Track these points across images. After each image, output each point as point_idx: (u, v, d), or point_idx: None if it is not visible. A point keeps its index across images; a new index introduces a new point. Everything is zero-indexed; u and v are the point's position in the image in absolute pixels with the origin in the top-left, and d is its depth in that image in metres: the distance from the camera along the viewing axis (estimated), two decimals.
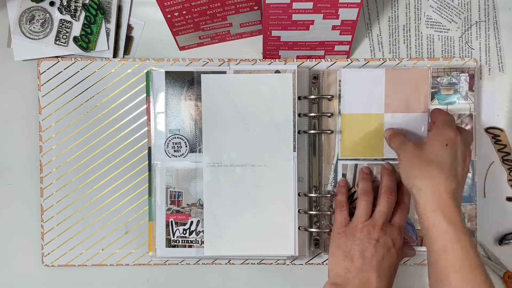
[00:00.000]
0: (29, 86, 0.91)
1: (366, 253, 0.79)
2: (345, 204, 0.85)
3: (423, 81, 0.88)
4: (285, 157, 0.87)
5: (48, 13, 0.89)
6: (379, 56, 0.93)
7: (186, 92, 0.88)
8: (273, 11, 0.80)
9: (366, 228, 0.81)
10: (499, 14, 0.92)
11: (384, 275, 0.79)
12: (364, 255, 0.79)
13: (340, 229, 0.83)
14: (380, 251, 0.80)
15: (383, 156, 0.89)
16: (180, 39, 0.88)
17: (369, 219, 0.82)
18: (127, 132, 0.90)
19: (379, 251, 0.80)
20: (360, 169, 0.88)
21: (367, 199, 0.84)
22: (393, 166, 0.88)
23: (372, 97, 0.88)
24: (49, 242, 0.90)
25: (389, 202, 0.83)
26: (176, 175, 0.88)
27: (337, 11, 0.80)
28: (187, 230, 0.88)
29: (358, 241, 0.80)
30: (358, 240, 0.80)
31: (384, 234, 0.81)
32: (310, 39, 0.86)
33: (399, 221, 0.83)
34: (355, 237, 0.81)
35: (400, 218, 0.84)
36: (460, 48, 0.93)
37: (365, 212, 0.83)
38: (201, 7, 0.82)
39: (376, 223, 0.81)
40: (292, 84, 0.87)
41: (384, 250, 0.80)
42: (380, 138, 0.89)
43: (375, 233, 0.80)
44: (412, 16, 0.93)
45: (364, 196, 0.84)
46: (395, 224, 0.83)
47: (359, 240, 0.80)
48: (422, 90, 0.88)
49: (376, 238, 0.80)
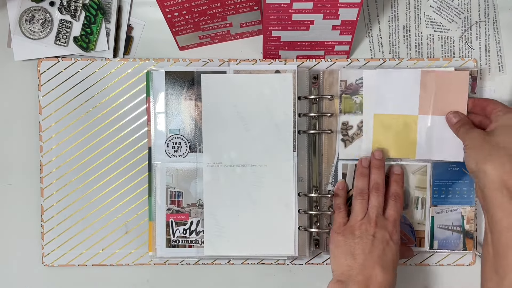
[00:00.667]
0: (29, 86, 0.91)
1: (366, 249, 0.80)
2: (343, 206, 0.86)
3: (462, 83, 0.87)
4: (285, 157, 0.87)
5: (48, 13, 0.89)
6: (379, 56, 0.93)
7: (186, 92, 0.88)
8: (273, 11, 0.80)
9: (364, 225, 0.82)
10: (499, 14, 0.92)
11: (388, 268, 0.80)
12: (365, 251, 0.80)
13: (338, 229, 0.84)
14: (379, 245, 0.80)
15: (415, 158, 0.89)
16: (180, 39, 0.89)
17: (365, 217, 0.83)
18: (127, 132, 0.90)
19: (378, 245, 0.80)
20: (359, 160, 0.88)
21: (362, 198, 0.85)
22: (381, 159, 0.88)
23: (406, 97, 0.88)
24: (49, 242, 0.90)
25: (378, 196, 0.84)
26: (176, 175, 0.88)
27: (337, 11, 0.80)
28: (187, 230, 0.88)
29: (357, 239, 0.81)
30: (357, 238, 0.81)
31: (379, 228, 0.82)
32: (310, 39, 0.86)
33: (393, 213, 0.84)
34: (354, 235, 0.82)
35: (393, 210, 0.84)
36: (460, 48, 0.93)
37: (361, 211, 0.84)
38: (201, 7, 0.82)
39: (371, 219, 0.82)
40: (292, 84, 0.87)
41: (383, 244, 0.81)
42: (413, 139, 0.88)
43: (371, 229, 0.81)
44: (412, 16, 0.93)
45: (360, 196, 0.85)
46: (389, 217, 0.83)
47: (358, 238, 0.81)
48: (461, 92, 0.87)
49: (372, 233, 0.81)
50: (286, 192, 0.87)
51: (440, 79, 0.87)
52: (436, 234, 0.89)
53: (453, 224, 0.89)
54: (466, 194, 0.89)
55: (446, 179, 0.89)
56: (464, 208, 0.89)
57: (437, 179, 0.89)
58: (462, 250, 0.90)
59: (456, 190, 0.89)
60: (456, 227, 0.89)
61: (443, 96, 0.87)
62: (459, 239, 0.89)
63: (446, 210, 0.89)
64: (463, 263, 0.91)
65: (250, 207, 0.87)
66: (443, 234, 0.89)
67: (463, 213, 0.89)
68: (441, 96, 0.87)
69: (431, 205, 0.89)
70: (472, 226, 0.89)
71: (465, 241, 0.89)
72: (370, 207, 0.84)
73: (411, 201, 0.89)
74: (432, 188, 0.89)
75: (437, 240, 0.89)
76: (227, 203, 0.87)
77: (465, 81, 0.87)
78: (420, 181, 0.89)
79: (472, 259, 0.91)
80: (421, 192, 0.89)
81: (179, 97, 0.88)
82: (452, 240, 0.89)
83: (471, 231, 0.89)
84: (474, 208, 0.89)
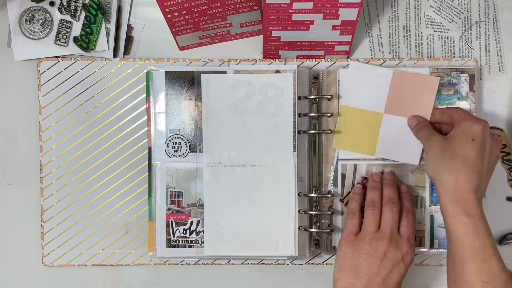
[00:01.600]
0: (29, 86, 0.91)
1: (372, 268, 0.79)
2: (357, 212, 0.85)
3: (431, 90, 0.88)
4: (285, 157, 0.87)
5: (48, 13, 0.89)
6: (379, 56, 0.93)
7: (186, 92, 0.88)
8: (273, 11, 0.80)
9: (375, 240, 0.80)
10: (499, 14, 0.92)
11: None
12: (371, 270, 0.79)
13: (348, 238, 0.82)
14: (388, 266, 0.79)
15: (374, 156, 0.89)
16: (180, 39, 0.89)
17: (378, 230, 0.82)
18: (127, 132, 0.90)
19: (386, 266, 0.79)
20: (371, 176, 0.88)
21: (374, 208, 0.83)
22: (394, 175, 0.88)
23: (375, 94, 0.88)
24: (49, 242, 0.90)
25: (392, 210, 0.82)
26: (176, 175, 0.88)
27: (337, 11, 0.80)
28: (187, 230, 0.88)
29: (366, 254, 0.80)
30: (366, 254, 0.80)
31: (393, 248, 0.80)
32: (310, 39, 0.86)
33: (407, 230, 0.82)
34: (363, 250, 0.80)
35: (407, 227, 0.82)
36: (460, 48, 0.93)
37: (373, 223, 0.82)
38: (201, 7, 0.82)
39: (384, 235, 0.80)
40: (292, 84, 0.87)
41: (391, 265, 0.79)
42: (374, 136, 0.89)
43: (383, 246, 0.80)
44: (412, 16, 0.93)
45: (372, 206, 0.83)
46: (404, 235, 0.82)
47: (366, 254, 0.80)
48: (428, 98, 0.88)
49: (384, 252, 0.79)
50: (286, 192, 0.87)
51: (410, 81, 0.88)
52: (436, 233, 0.89)
53: None
54: None
55: None
56: None
57: None
58: None
59: None
60: None
61: (411, 99, 0.88)
62: None
63: None
64: None
65: (250, 207, 0.87)
66: (443, 233, 0.89)
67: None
68: (409, 98, 0.88)
69: (431, 204, 0.89)
70: None
71: None
72: (383, 221, 0.82)
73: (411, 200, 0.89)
74: (431, 187, 0.89)
75: (437, 239, 0.89)
76: (227, 203, 0.87)
77: (434, 86, 0.88)
78: (419, 180, 0.89)
79: None
80: (420, 191, 0.89)
81: (179, 97, 0.88)
82: None
83: None
84: None
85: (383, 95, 0.88)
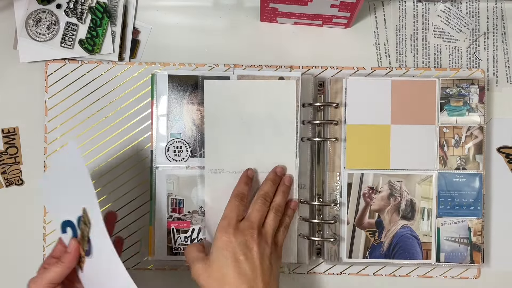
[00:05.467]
0: (35, 87, 0.91)
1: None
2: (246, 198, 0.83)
3: (430, 93, 0.88)
4: (287, 163, 0.86)
5: (54, 16, 0.90)
6: (385, 65, 0.92)
7: (188, 96, 0.88)
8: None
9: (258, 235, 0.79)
10: (507, 25, 0.92)
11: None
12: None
13: (231, 222, 0.80)
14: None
15: (389, 168, 0.88)
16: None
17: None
18: (132, 135, 0.90)
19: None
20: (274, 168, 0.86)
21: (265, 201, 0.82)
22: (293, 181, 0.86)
23: (378, 107, 0.88)
24: (50, 244, 0.90)
25: (276, 217, 0.81)
26: (177, 182, 0.88)
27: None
28: (189, 237, 0.88)
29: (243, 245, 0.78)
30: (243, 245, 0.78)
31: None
32: (309, 12, 0.86)
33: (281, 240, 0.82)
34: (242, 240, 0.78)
35: (282, 238, 0.83)
36: (468, 59, 0.92)
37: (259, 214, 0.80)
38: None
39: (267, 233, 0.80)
40: (296, 91, 0.86)
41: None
42: (386, 149, 0.88)
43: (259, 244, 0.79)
44: (419, 26, 0.92)
45: (263, 198, 0.82)
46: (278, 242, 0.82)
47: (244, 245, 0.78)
48: (430, 100, 0.88)
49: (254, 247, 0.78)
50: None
51: (410, 88, 0.88)
52: (442, 246, 0.88)
53: (460, 236, 0.88)
54: (473, 206, 0.88)
55: (452, 189, 0.88)
56: (471, 220, 0.88)
57: (443, 190, 0.88)
58: (470, 263, 0.88)
59: (463, 201, 0.88)
60: (463, 239, 0.88)
61: (414, 104, 0.88)
62: (466, 251, 0.88)
63: (452, 221, 0.88)
64: (468, 276, 0.90)
65: None
66: (450, 246, 0.88)
67: (470, 225, 0.88)
68: (412, 104, 0.88)
69: (437, 216, 0.88)
70: (479, 238, 0.88)
71: (472, 253, 0.88)
72: (266, 222, 0.81)
73: (417, 212, 0.88)
74: (438, 199, 0.88)
75: (443, 252, 0.88)
76: None
77: (433, 88, 0.88)
78: (426, 191, 0.88)
79: (476, 273, 0.90)
80: (426, 203, 0.88)
81: (182, 101, 0.88)
82: (459, 252, 0.88)
83: (478, 243, 0.88)
84: (481, 220, 0.88)
85: (387, 106, 0.88)
